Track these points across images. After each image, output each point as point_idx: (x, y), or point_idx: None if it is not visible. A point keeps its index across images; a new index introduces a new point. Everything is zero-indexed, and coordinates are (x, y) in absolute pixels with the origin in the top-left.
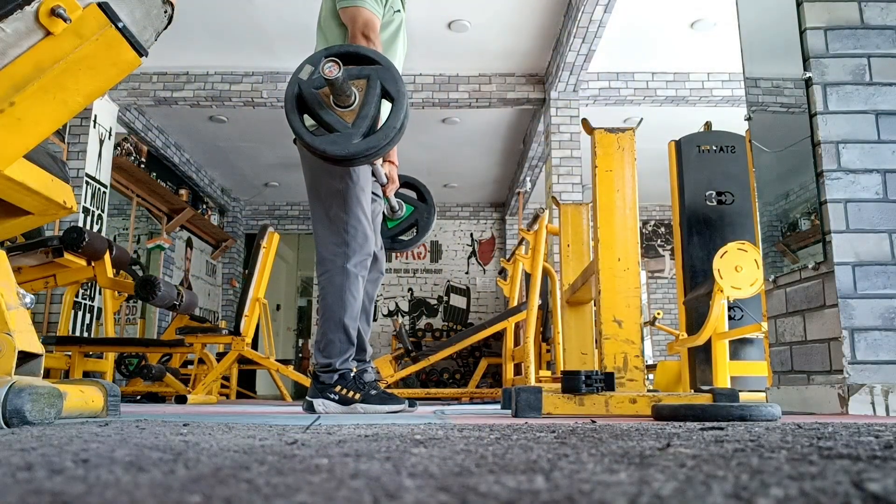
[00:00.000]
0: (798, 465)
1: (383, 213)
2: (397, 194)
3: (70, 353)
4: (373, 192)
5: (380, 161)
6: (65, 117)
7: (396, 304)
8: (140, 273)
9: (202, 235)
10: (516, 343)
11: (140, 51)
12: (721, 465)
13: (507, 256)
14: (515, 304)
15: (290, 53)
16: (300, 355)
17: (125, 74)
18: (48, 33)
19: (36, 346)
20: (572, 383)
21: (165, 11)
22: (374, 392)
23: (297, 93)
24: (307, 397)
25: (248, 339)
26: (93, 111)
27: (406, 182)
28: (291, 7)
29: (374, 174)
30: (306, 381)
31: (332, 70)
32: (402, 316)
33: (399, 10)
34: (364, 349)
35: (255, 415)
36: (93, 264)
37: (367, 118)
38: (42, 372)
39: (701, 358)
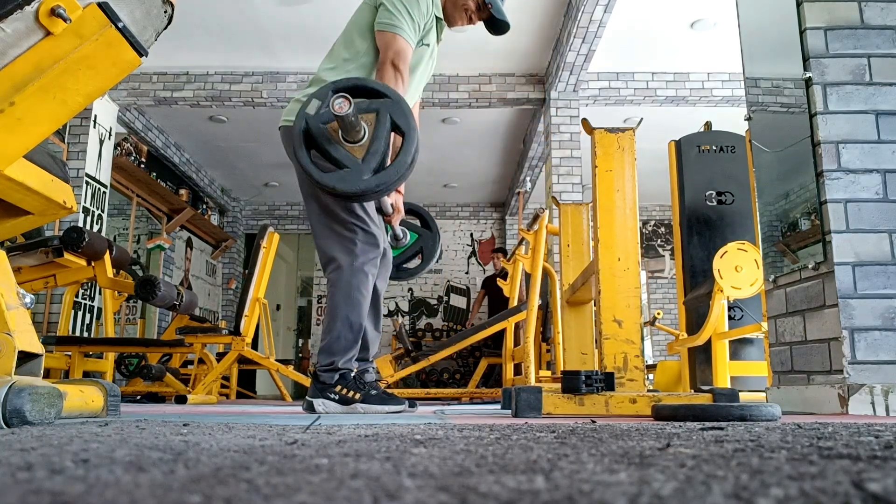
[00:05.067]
0: (798, 465)
1: (388, 241)
2: (401, 222)
3: (70, 353)
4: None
5: None
6: (65, 117)
7: (396, 304)
8: (140, 273)
9: (202, 235)
10: (516, 343)
11: (140, 51)
12: (721, 465)
13: (507, 256)
14: (515, 304)
15: (290, 53)
16: (300, 355)
17: (125, 74)
18: (48, 33)
19: (36, 346)
20: (572, 383)
21: (165, 11)
22: (374, 392)
23: (304, 128)
24: (307, 397)
25: (248, 339)
26: (93, 111)
27: (410, 210)
28: (291, 7)
29: (379, 205)
30: (306, 381)
31: (342, 106)
32: (402, 316)
33: (428, 45)
34: (367, 348)
35: (255, 415)
36: (93, 264)
37: (377, 154)
38: (42, 372)
39: (701, 358)
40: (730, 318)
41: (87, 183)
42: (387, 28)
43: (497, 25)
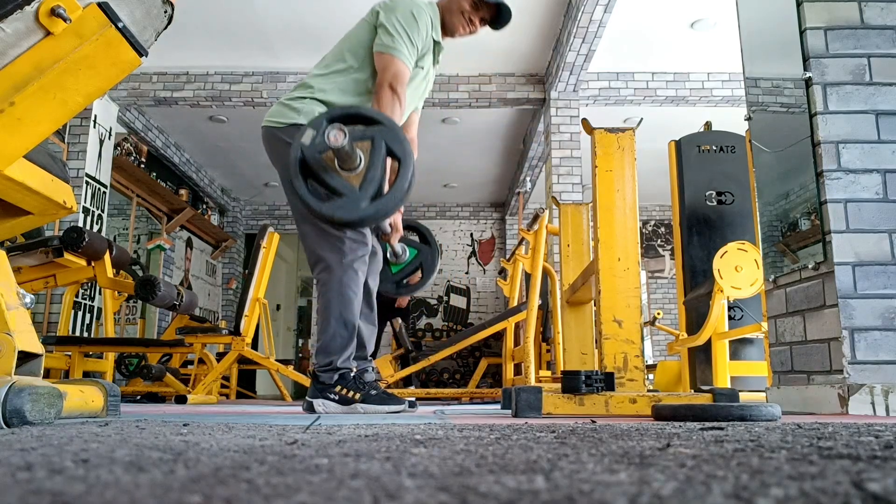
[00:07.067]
0: (798, 465)
1: (387, 258)
2: (400, 239)
3: (70, 353)
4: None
5: None
6: (65, 117)
7: None
8: (140, 273)
9: (202, 235)
10: (516, 343)
11: (140, 51)
12: (721, 465)
13: (507, 256)
14: (515, 304)
15: (290, 53)
16: (300, 355)
17: (125, 74)
18: (48, 33)
19: (36, 346)
20: (572, 383)
21: (165, 11)
22: (374, 392)
23: (300, 158)
24: (307, 397)
25: (248, 339)
26: (93, 111)
27: (408, 226)
28: (291, 7)
29: (378, 226)
30: (306, 381)
31: (337, 138)
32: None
33: (422, 68)
34: (364, 346)
35: (255, 415)
36: (93, 264)
37: (373, 181)
38: (42, 372)
39: (701, 358)
40: (730, 318)
41: (87, 183)
42: (385, 50)
43: (499, 17)
